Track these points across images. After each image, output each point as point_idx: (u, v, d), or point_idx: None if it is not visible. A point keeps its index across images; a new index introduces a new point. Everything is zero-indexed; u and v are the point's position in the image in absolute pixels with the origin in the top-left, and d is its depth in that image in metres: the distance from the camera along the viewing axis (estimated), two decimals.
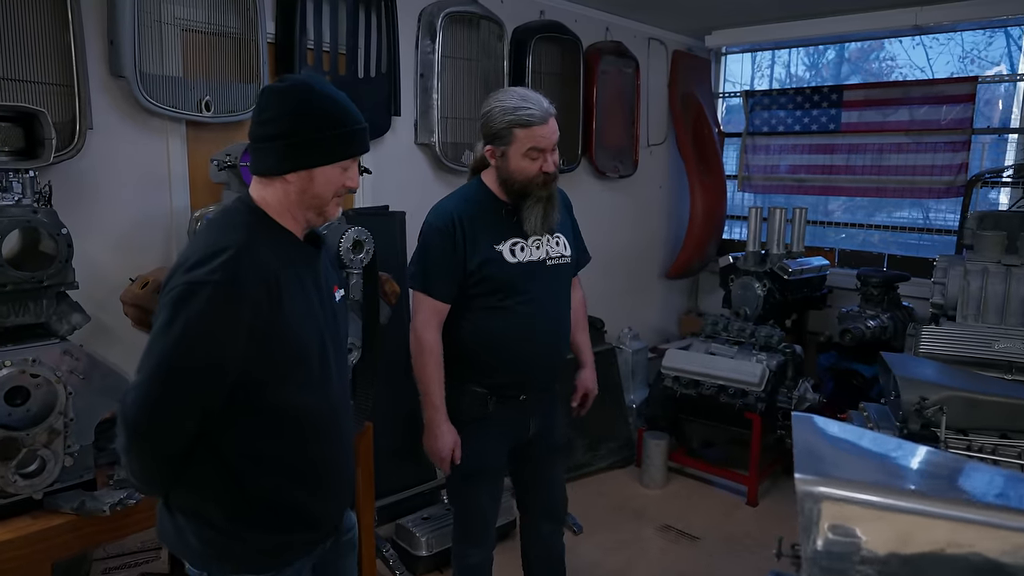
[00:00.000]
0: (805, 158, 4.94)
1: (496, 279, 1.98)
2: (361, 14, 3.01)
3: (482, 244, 1.98)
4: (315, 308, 1.41)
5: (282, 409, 1.37)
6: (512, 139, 1.91)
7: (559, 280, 2.09)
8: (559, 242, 2.08)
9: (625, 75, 4.38)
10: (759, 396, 3.41)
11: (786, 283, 4.04)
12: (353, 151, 1.39)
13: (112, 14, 2.39)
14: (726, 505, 3.53)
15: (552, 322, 2.07)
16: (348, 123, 1.37)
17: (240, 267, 1.26)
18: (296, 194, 1.36)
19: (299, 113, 1.32)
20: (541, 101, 1.93)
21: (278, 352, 1.33)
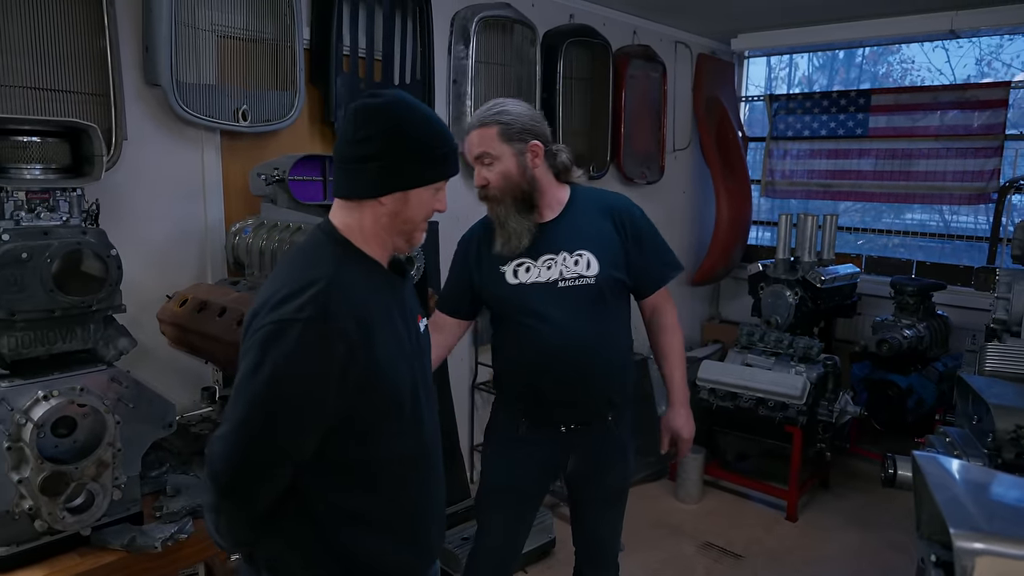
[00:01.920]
0: (831, 163, 4.87)
1: (497, 300, 1.91)
2: (397, 20, 2.92)
3: (489, 263, 1.91)
4: (405, 343, 1.32)
5: (376, 459, 1.28)
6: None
7: (582, 303, 1.85)
8: (579, 260, 1.86)
9: (652, 79, 4.30)
10: (800, 409, 3.34)
11: (818, 291, 3.96)
12: (449, 171, 1.33)
13: (148, 20, 2.30)
14: (765, 520, 3.45)
15: (579, 350, 1.84)
16: (445, 143, 1.31)
17: (331, 301, 1.17)
18: (388, 217, 1.28)
19: (398, 132, 1.25)
20: (483, 111, 1.84)
21: (373, 394, 1.24)
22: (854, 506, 3.58)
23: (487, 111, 1.82)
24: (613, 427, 1.96)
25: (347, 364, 1.17)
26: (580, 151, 3.92)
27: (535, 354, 1.86)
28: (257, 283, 2.29)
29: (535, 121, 1.85)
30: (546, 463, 1.98)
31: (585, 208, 1.92)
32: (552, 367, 1.84)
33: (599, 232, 1.90)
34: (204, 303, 2.15)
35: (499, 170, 1.80)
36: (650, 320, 2.04)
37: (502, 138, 1.79)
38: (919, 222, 4.94)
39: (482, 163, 1.82)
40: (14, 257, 1.49)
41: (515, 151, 1.80)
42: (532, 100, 3.51)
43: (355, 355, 1.18)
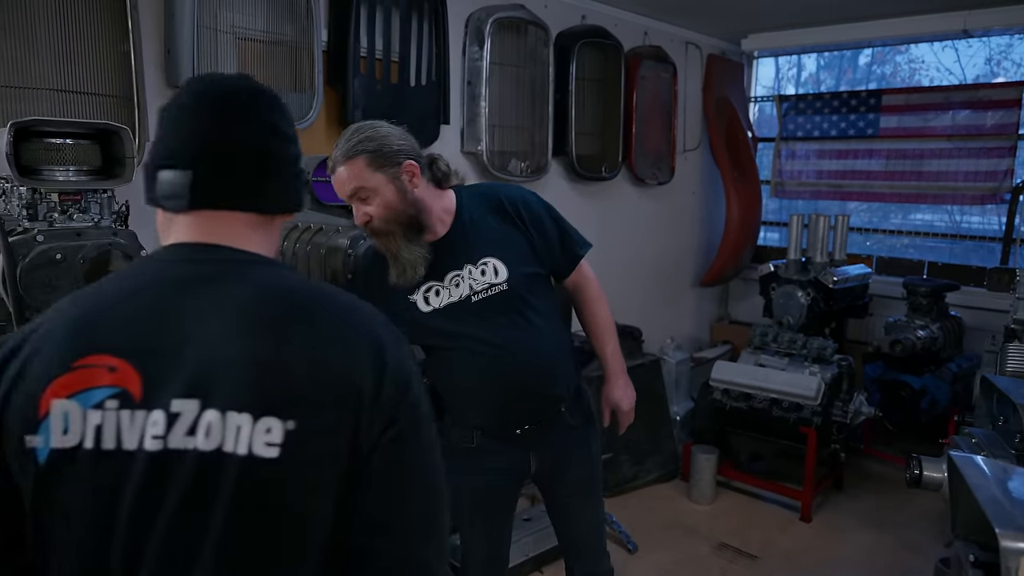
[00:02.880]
0: (841, 163, 4.87)
1: (416, 329, 1.77)
2: (413, 21, 2.93)
3: (395, 295, 1.76)
4: None
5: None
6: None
7: (502, 311, 1.78)
8: (486, 269, 1.77)
9: (663, 80, 4.31)
10: (815, 410, 3.34)
11: (830, 292, 3.96)
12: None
13: (170, 23, 2.32)
14: (779, 521, 3.45)
15: (514, 358, 1.78)
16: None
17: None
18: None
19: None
20: (340, 143, 1.66)
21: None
22: (868, 507, 3.58)
23: (348, 142, 1.65)
24: (567, 418, 1.90)
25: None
26: (592, 152, 3.93)
27: (471, 373, 1.79)
28: None
29: (402, 139, 1.70)
30: (510, 466, 1.92)
31: (475, 211, 1.81)
32: (492, 381, 1.79)
33: (496, 232, 1.81)
34: None
35: (379, 202, 1.66)
36: (574, 298, 2.01)
37: (373, 167, 1.64)
38: (927, 223, 4.94)
39: (359, 199, 1.67)
40: (48, 258, 1.51)
41: (390, 177, 1.66)
42: (545, 101, 3.52)
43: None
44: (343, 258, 2.05)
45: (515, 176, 3.44)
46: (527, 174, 3.50)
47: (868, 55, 5.27)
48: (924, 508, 3.52)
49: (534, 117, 3.51)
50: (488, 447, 1.87)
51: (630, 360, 3.78)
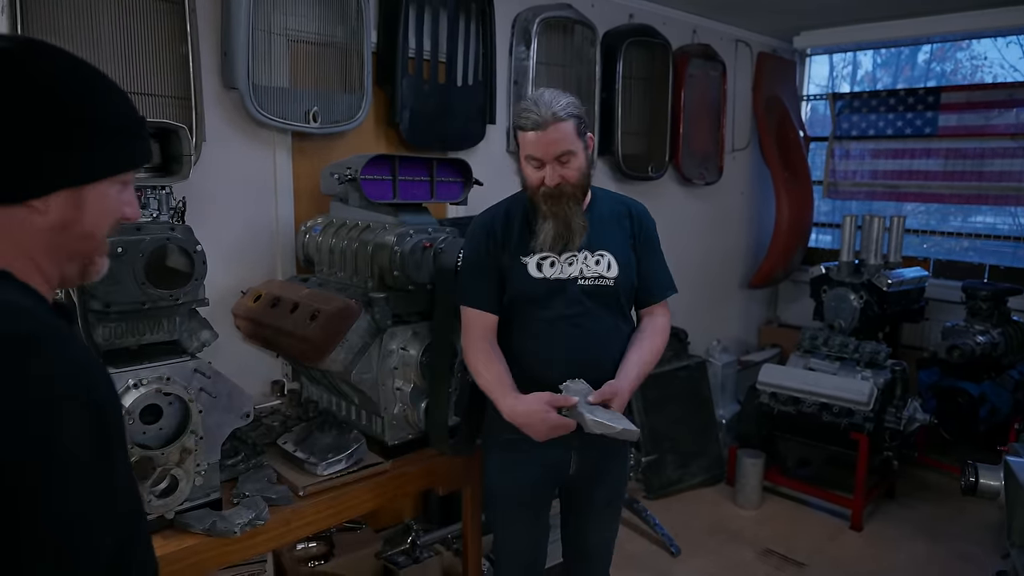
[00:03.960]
0: (897, 163, 4.73)
1: (516, 292, 1.84)
2: (461, 22, 2.96)
3: (510, 253, 1.85)
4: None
5: None
6: (518, 142, 1.79)
7: (595, 304, 1.83)
8: (600, 260, 1.84)
9: (712, 78, 4.25)
10: (867, 415, 3.25)
11: (884, 295, 3.84)
12: (144, 156, 0.92)
13: (227, 26, 2.39)
14: (828, 529, 3.37)
15: (592, 349, 1.83)
16: (132, 110, 0.88)
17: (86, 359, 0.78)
18: (52, 233, 0.81)
19: (58, 91, 0.79)
20: (550, 106, 1.70)
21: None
22: (921, 516, 3.47)
23: (557, 102, 1.70)
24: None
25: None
26: (639, 152, 3.90)
27: (547, 347, 1.83)
28: (326, 280, 2.36)
29: (587, 112, 1.83)
30: (550, 464, 1.91)
31: (605, 209, 1.89)
32: (561, 362, 1.81)
33: (617, 235, 1.89)
34: (277, 299, 2.23)
35: (576, 166, 1.75)
36: (641, 322, 1.97)
37: (577, 132, 1.73)
38: (988, 225, 4.75)
39: (559, 161, 1.73)
40: (111, 252, 1.57)
41: (584, 145, 1.78)
42: (592, 100, 3.51)
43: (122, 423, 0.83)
44: (389, 255, 2.09)
45: None
46: None
47: (927, 52, 5.10)
48: (980, 518, 3.39)
49: None
50: (530, 439, 1.84)
51: (675, 361, 3.75)
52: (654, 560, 3.06)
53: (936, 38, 4.64)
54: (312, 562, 2.57)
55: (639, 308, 1.97)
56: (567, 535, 2.10)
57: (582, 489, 1.98)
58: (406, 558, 2.68)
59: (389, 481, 2.13)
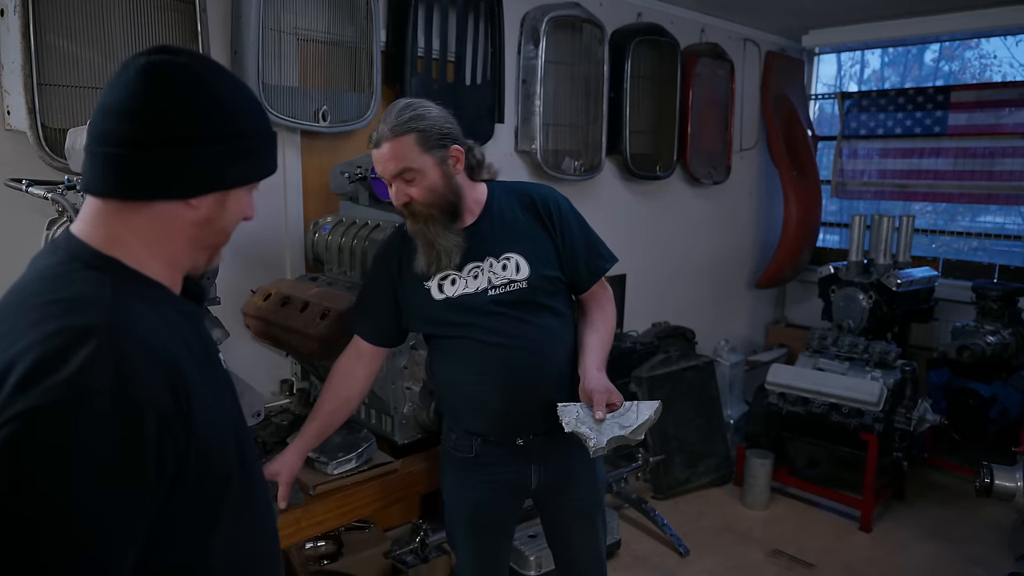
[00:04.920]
0: (906, 162, 4.70)
1: (425, 318, 1.75)
2: (470, 21, 2.96)
3: (412, 280, 1.74)
4: (220, 395, 0.97)
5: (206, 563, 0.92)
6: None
7: (515, 312, 1.71)
8: (507, 264, 1.71)
9: (719, 77, 4.24)
10: (876, 416, 3.23)
11: (894, 295, 3.83)
12: (273, 166, 1.02)
13: (237, 26, 2.39)
14: (837, 529, 3.35)
15: (522, 357, 1.71)
16: (268, 127, 1.01)
17: (126, 358, 0.79)
18: (197, 227, 0.94)
19: (220, 106, 0.91)
20: (389, 118, 1.59)
21: (197, 485, 0.87)
22: (931, 518, 3.45)
23: (398, 117, 1.58)
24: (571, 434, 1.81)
25: (164, 448, 0.80)
26: (647, 151, 3.89)
27: (476, 368, 1.72)
28: (336, 279, 2.36)
29: (449, 122, 1.65)
30: (510, 483, 1.80)
31: (505, 206, 1.76)
32: (497, 379, 1.71)
33: (524, 230, 1.75)
34: (287, 298, 2.23)
35: (424, 185, 1.60)
36: (584, 305, 1.88)
37: (421, 147, 1.59)
38: (997, 225, 4.73)
39: (403, 179, 1.61)
40: None
41: (437, 160, 1.61)
42: (600, 100, 3.50)
43: (172, 431, 0.81)
44: None
45: (568, 175, 3.44)
46: (580, 173, 3.49)
47: (936, 51, 5.07)
48: (991, 520, 3.37)
49: (588, 115, 3.50)
50: (487, 457, 1.79)
51: (683, 361, 3.74)
52: (662, 560, 3.05)
53: (945, 37, 4.62)
54: (321, 561, 2.57)
55: (577, 294, 1.86)
56: (552, 545, 2.01)
57: (552, 500, 1.88)
58: (414, 557, 2.68)
59: (399, 480, 2.13)
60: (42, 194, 1.63)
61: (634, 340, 3.82)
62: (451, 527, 1.94)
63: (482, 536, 1.89)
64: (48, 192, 1.62)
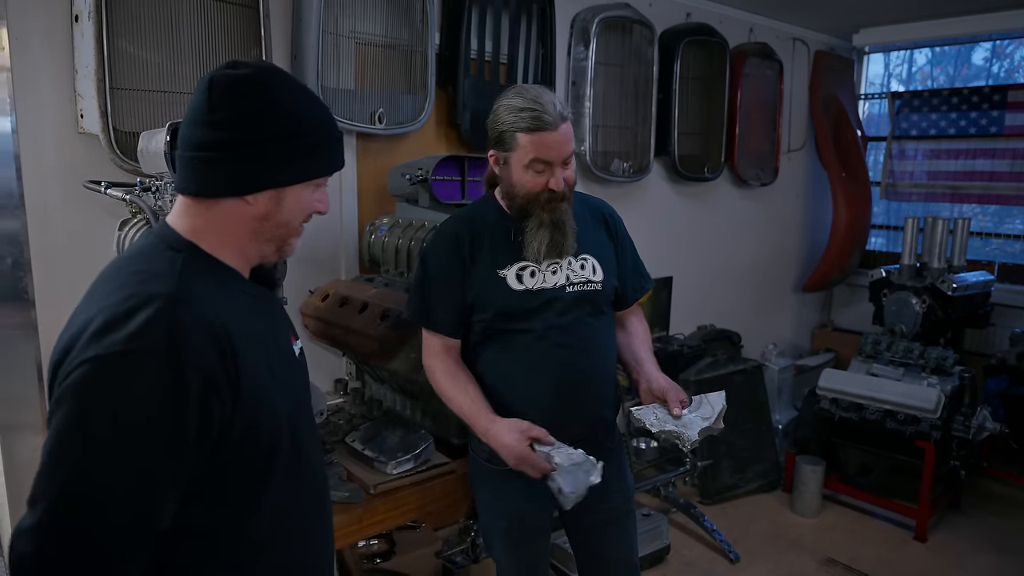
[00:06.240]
0: (960, 163, 4.58)
1: (499, 308, 1.68)
2: (522, 23, 2.96)
3: (484, 267, 1.70)
4: (279, 372, 1.06)
5: (249, 528, 1.02)
6: (515, 145, 1.61)
7: (586, 311, 1.72)
8: (585, 265, 1.73)
9: (768, 77, 4.18)
10: (934, 423, 3.15)
11: (949, 300, 3.73)
12: (336, 164, 1.10)
13: (297, 29, 2.43)
14: (891, 539, 3.28)
15: (585, 361, 1.72)
16: (331, 127, 1.08)
17: (179, 322, 0.90)
18: (256, 221, 1.03)
19: (274, 111, 1.00)
20: (554, 103, 1.60)
21: (245, 443, 0.97)
22: (990, 529, 3.35)
23: (559, 101, 1.61)
24: (605, 441, 1.82)
25: (208, 406, 0.90)
26: (694, 152, 3.86)
27: (534, 366, 1.69)
28: (392, 280, 2.38)
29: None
30: (541, 491, 1.67)
31: (579, 211, 1.77)
32: (552, 379, 1.69)
33: (596, 237, 1.80)
34: (345, 298, 2.25)
35: (573, 168, 1.68)
36: (622, 320, 1.91)
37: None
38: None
39: (562, 163, 1.62)
40: None
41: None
42: (648, 101, 3.48)
43: (218, 392, 0.91)
44: None
45: (617, 176, 3.42)
46: (629, 174, 3.47)
47: (987, 49, 4.93)
48: None
49: (637, 117, 3.48)
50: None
51: (731, 365, 3.70)
52: (712, 566, 3.02)
53: (998, 35, 4.49)
54: (374, 560, 2.60)
55: (620, 308, 1.89)
56: (579, 554, 1.95)
57: (585, 508, 1.75)
58: (464, 558, 2.68)
59: (456, 481, 2.13)
60: (120, 196, 1.67)
61: (680, 343, 3.78)
62: (489, 539, 1.91)
63: (522, 547, 1.86)
64: (126, 194, 1.66)
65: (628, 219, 1.95)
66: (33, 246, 2.05)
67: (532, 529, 1.86)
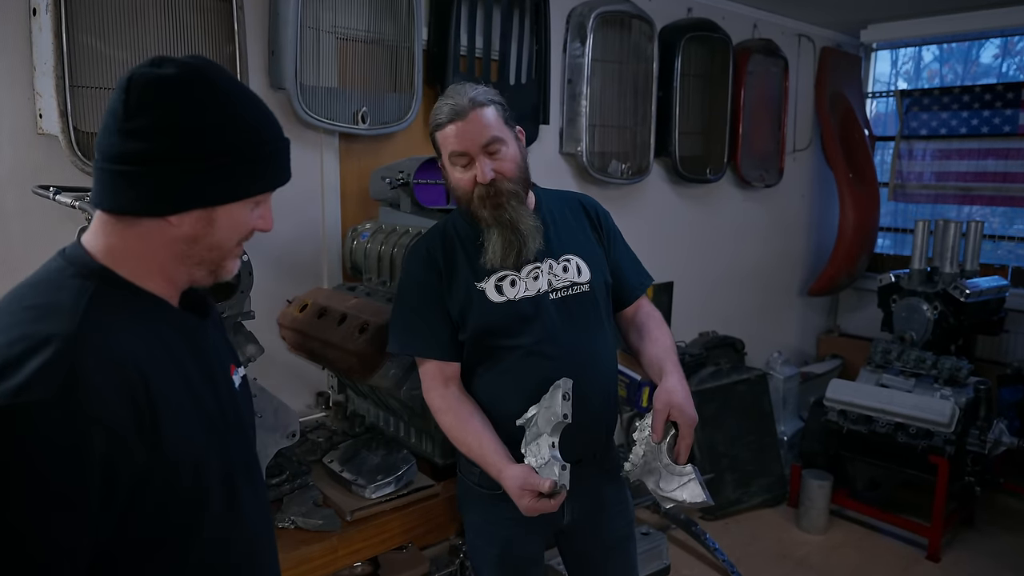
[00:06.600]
0: (972, 164, 4.43)
1: (480, 323, 1.56)
2: (515, 19, 2.82)
3: (462, 281, 1.57)
4: (210, 411, 0.93)
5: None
6: (439, 146, 1.53)
7: (577, 315, 1.58)
8: (568, 266, 1.59)
9: (772, 75, 4.03)
10: (948, 438, 3.01)
11: (962, 306, 3.59)
12: (279, 178, 0.95)
13: (274, 24, 2.29)
14: (902, 559, 3.13)
15: (581, 367, 1.55)
16: (273, 136, 0.94)
17: (79, 371, 0.77)
18: (182, 243, 0.90)
19: (202, 119, 0.86)
20: (469, 94, 1.47)
21: (164, 498, 0.84)
22: (1006, 548, 3.21)
23: (474, 90, 1.49)
24: (604, 461, 1.68)
25: (113, 466, 0.77)
26: (696, 153, 3.72)
27: (524, 384, 1.53)
28: (375, 289, 2.24)
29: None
30: (544, 517, 1.54)
31: (556, 208, 1.66)
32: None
33: (578, 232, 1.66)
34: (324, 309, 2.12)
35: (511, 158, 1.49)
36: (632, 325, 1.73)
37: (503, 120, 1.50)
38: None
39: (488, 153, 1.48)
40: None
41: (514, 135, 1.54)
42: (648, 99, 3.34)
43: (127, 450, 0.79)
44: None
45: (615, 178, 3.28)
46: (628, 176, 3.33)
47: (997, 46, 4.78)
48: None
49: (636, 116, 3.34)
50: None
51: (734, 374, 3.56)
52: None
53: (1009, 30, 4.35)
54: None
55: (622, 307, 1.75)
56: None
57: (582, 534, 1.71)
58: None
59: (440, 505, 2.01)
60: (69, 202, 1.53)
61: (682, 351, 3.64)
62: (479, 566, 1.78)
63: (513, 574, 1.73)
64: (75, 200, 1.52)
65: (627, 222, 1.82)
66: None
67: (524, 558, 1.72)
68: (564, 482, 1.38)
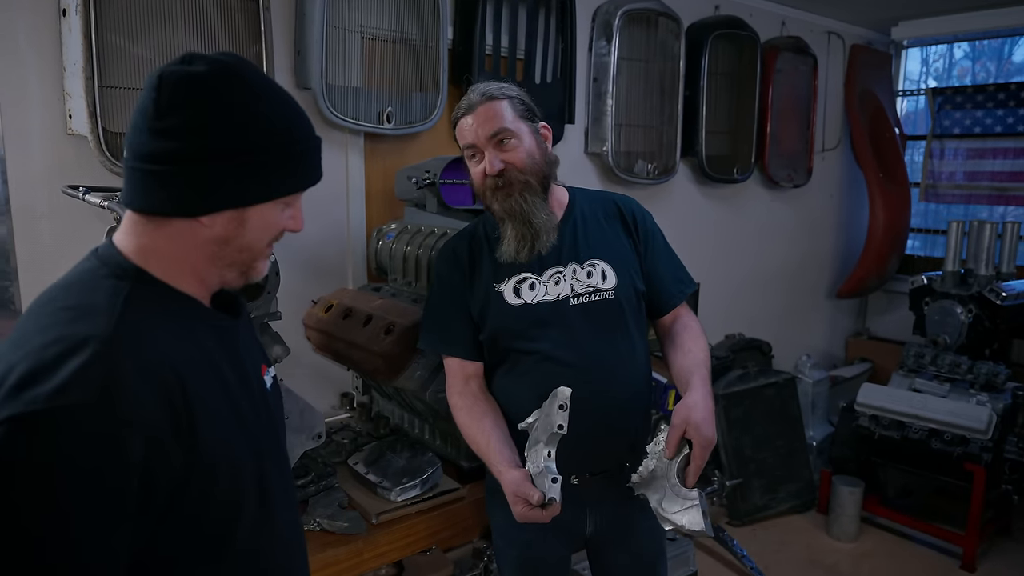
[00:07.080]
0: (1008, 163, 4.32)
1: (496, 326, 1.54)
2: (540, 17, 2.80)
3: (481, 284, 1.56)
4: (244, 413, 0.92)
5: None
6: (458, 143, 1.54)
7: (600, 323, 1.53)
8: (593, 272, 1.54)
9: (801, 73, 3.96)
10: (984, 445, 2.92)
11: (998, 309, 3.49)
12: (310, 178, 0.94)
13: (300, 24, 2.29)
14: (936, 567, 3.05)
15: (599, 382, 1.51)
16: (305, 135, 0.92)
17: (117, 373, 0.75)
18: (213, 244, 0.89)
19: (232, 118, 0.85)
20: (481, 89, 1.48)
21: (201, 502, 0.84)
22: None
23: (487, 86, 1.50)
24: (623, 483, 1.54)
25: (152, 470, 0.76)
26: (723, 152, 3.66)
27: (543, 390, 1.45)
28: (400, 290, 2.23)
29: (533, 103, 1.55)
30: (564, 524, 1.53)
31: (588, 210, 1.62)
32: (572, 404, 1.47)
33: (610, 236, 1.60)
34: (349, 310, 2.10)
35: (522, 149, 1.47)
36: (669, 334, 1.65)
37: (517, 113, 1.48)
38: None
39: (497, 144, 1.46)
40: None
41: (531, 129, 1.51)
42: (675, 98, 3.29)
43: (165, 453, 0.78)
44: None
45: (641, 178, 3.24)
46: (654, 176, 3.29)
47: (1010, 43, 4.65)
48: None
49: (662, 115, 3.29)
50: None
51: (762, 378, 3.49)
52: None
53: None
54: None
55: (659, 315, 1.67)
56: None
57: (612, 546, 1.66)
58: None
59: (465, 508, 1.98)
60: (98, 202, 1.53)
61: (718, 357, 3.58)
62: (502, 567, 1.76)
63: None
64: (104, 200, 1.52)
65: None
66: (19, 254, 1.94)
67: (545, 562, 1.69)
68: (554, 495, 1.32)
